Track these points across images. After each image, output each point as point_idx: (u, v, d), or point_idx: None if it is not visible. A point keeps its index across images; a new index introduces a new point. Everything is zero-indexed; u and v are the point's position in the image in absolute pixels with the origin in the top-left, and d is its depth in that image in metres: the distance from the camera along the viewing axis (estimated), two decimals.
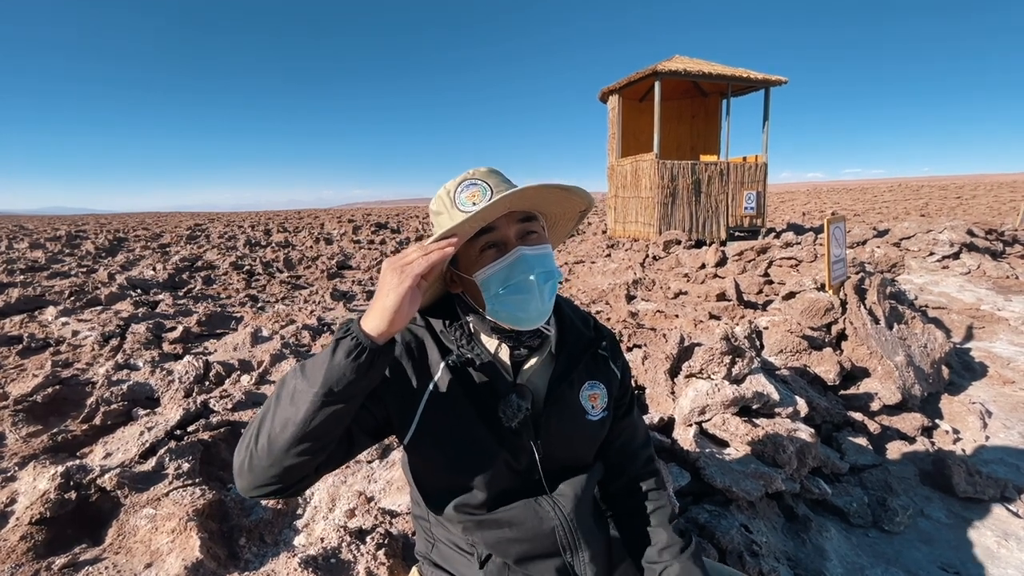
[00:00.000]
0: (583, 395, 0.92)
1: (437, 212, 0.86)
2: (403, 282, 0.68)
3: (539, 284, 0.81)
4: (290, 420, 0.67)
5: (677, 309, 4.55)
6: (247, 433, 0.73)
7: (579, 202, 0.88)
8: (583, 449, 0.95)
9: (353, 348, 0.66)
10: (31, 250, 10.08)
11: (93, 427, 2.27)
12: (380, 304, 0.68)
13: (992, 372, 3.30)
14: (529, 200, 0.81)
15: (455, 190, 0.83)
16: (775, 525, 1.65)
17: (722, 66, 9.76)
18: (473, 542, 0.90)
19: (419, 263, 0.69)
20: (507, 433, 0.85)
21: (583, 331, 0.96)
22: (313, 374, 0.67)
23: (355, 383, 0.67)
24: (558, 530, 0.87)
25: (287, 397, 0.69)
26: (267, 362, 3.01)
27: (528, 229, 0.83)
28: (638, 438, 1.04)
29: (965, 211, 17.04)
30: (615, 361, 0.99)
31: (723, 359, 1.82)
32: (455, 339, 0.87)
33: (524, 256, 0.80)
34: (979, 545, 1.79)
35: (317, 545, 1.32)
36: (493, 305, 0.83)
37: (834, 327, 2.78)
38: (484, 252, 0.82)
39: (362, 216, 21.78)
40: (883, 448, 2.32)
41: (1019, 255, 6.92)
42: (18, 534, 1.50)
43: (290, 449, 0.68)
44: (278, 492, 0.73)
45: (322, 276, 7.30)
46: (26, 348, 3.47)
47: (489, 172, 0.85)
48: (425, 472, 0.92)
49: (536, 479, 0.90)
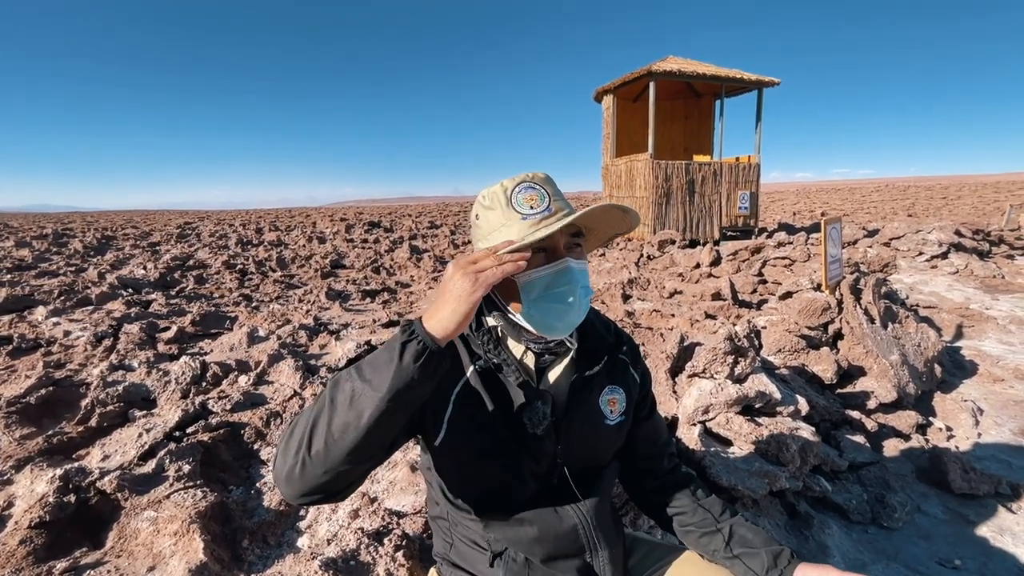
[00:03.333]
0: (603, 400, 0.93)
1: (489, 207, 0.85)
2: (476, 291, 0.66)
3: (578, 298, 0.81)
4: (351, 425, 0.65)
5: (673, 308, 4.57)
6: (294, 439, 0.69)
7: (624, 226, 0.89)
8: (601, 452, 0.96)
9: (421, 352, 0.65)
10: (17, 249, 9.89)
11: (89, 429, 2.24)
12: (450, 309, 0.67)
13: (982, 370, 3.36)
14: (593, 219, 0.83)
15: (513, 189, 0.83)
16: (779, 522, 1.67)
17: (716, 67, 9.83)
18: (494, 540, 0.90)
19: (493, 272, 0.68)
20: (530, 438, 0.85)
21: (605, 336, 0.97)
22: (376, 378, 0.65)
23: (421, 386, 0.66)
24: (579, 529, 0.88)
25: (344, 402, 0.66)
26: (265, 362, 2.98)
27: (576, 243, 0.84)
28: (661, 437, 1.06)
29: (951, 211, 17.32)
30: (635, 367, 1.00)
31: (726, 359, 1.84)
32: (482, 343, 0.87)
33: (570, 267, 0.81)
34: (976, 540, 1.82)
35: (335, 547, 1.32)
36: (530, 309, 0.82)
37: (831, 327, 2.82)
38: (533, 255, 0.81)
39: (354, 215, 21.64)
40: (880, 446, 2.35)
41: (1004, 255, 7.05)
42: (17, 538, 1.48)
43: (348, 455, 0.66)
44: (326, 499, 0.71)
45: (316, 275, 7.25)
46: (16, 348, 3.41)
47: (547, 179, 0.86)
48: (449, 472, 0.92)
49: (556, 481, 0.90)
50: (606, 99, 10.87)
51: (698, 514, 0.99)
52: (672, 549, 1.06)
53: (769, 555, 0.90)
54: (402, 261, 8.32)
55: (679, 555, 1.03)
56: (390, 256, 9.03)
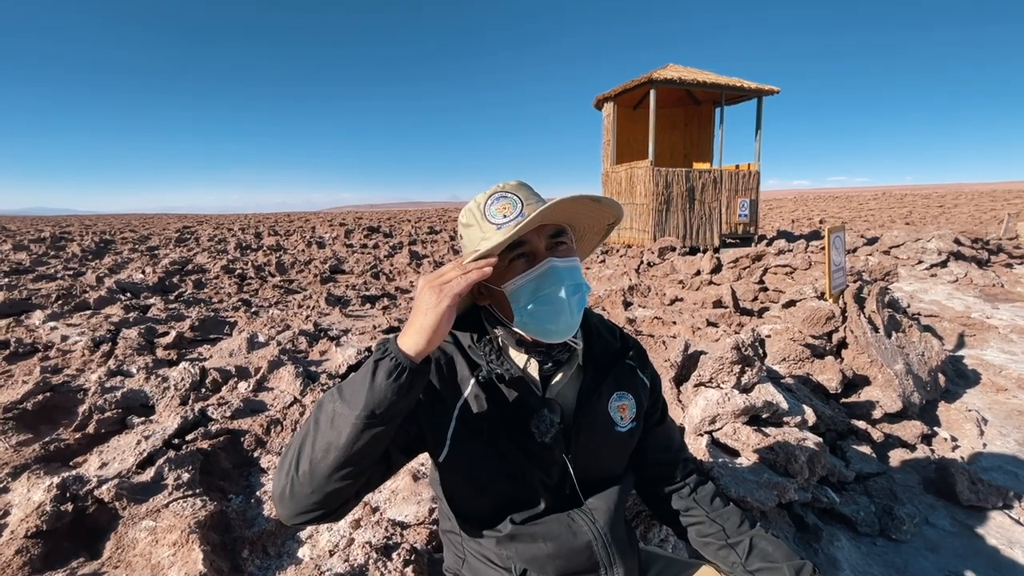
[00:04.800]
0: (612, 407, 0.91)
1: (467, 224, 0.85)
2: (441, 301, 0.67)
3: (568, 296, 0.79)
4: (332, 445, 0.66)
5: (674, 316, 4.56)
6: (285, 459, 0.71)
7: (608, 214, 0.87)
8: (613, 461, 0.94)
9: (393, 369, 0.66)
10: (15, 252, 9.84)
11: (87, 436, 2.21)
12: (419, 323, 0.68)
13: (985, 379, 3.35)
14: (562, 213, 0.80)
15: (485, 203, 0.83)
16: (787, 535, 1.65)
17: (716, 75, 9.89)
18: (508, 556, 0.88)
19: (457, 282, 0.69)
20: (538, 448, 0.84)
21: (610, 342, 0.96)
22: (353, 397, 0.66)
23: (396, 404, 0.66)
24: (594, 544, 0.86)
25: (326, 422, 0.68)
26: (264, 368, 2.95)
27: (559, 242, 0.82)
28: (675, 443, 1.04)
29: (948, 219, 17.39)
30: (643, 371, 0.99)
31: (733, 368, 1.82)
32: (484, 354, 0.86)
33: (554, 267, 0.79)
34: (985, 553, 1.80)
35: (341, 561, 1.29)
36: (521, 317, 0.81)
37: (835, 335, 2.81)
38: (513, 263, 0.81)
39: (353, 219, 21.64)
40: (886, 456, 2.33)
41: (1003, 264, 7.07)
42: (13, 548, 1.45)
43: (333, 474, 0.67)
44: (321, 518, 0.71)
45: (315, 280, 7.22)
46: (13, 353, 3.38)
47: (519, 185, 0.85)
48: (457, 487, 0.90)
49: (567, 493, 0.89)
50: (606, 106, 10.91)
51: (715, 525, 0.97)
52: (688, 565, 1.03)
53: (791, 569, 0.88)
54: (402, 266, 8.30)
55: (696, 570, 1.00)
56: (389, 261, 9.01)
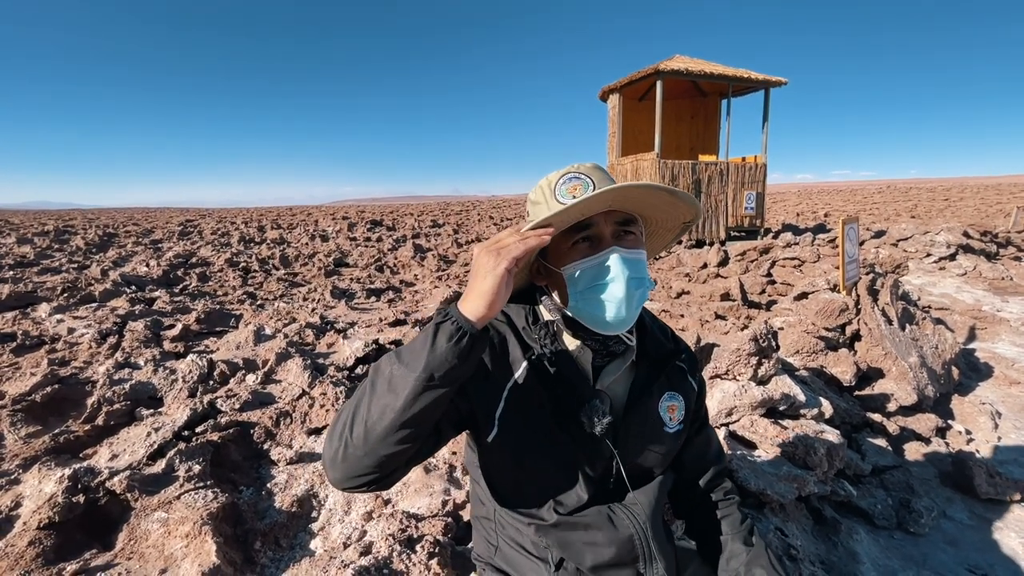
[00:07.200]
0: (662, 406, 0.90)
1: (535, 202, 0.83)
2: (499, 264, 0.65)
3: (628, 289, 0.75)
4: (388, 407, 0.65)
5: (682, 309, 4.53)
6: (338, 422, 0.70)
7: (685, 211, 0.81)
8: (658, 460, 0.92)
9: (455, 332, 0.64)
10: (19, 245, 9.85)
11: (96, 428, 2.20)
12: (478, 287, 0.66)
13: (998, 373, 3.31)
14: (632, 201, 0.77)
15: (557, 181, 0.80)
16: (805, 528, 1.63)
17: (723, 66, 9.77)
18: (546, 544, 0.87)
19: (516, 247, 0.67)
20: (586, 438, 0.82)
21: (663, 342, 0.94)
22: (412, 360, 0.65)
23: (456, 368, 0.65)
24: (636, 539, 0.84)
25: (383, 384, 0.67)
26: (272, 361, 2.93)
27: (626, 231, 0.79)
28: (712, 451, 1.03)
29: (953, 213, 17.25)
30: (692, 375, 0.97)
31: (750, 360, 1.80)
32: (539, 337, 0.83)
33: (616, 257, 0.76)
34: (1004, 547, 1.78)
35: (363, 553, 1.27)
36: (576, 302, 0.79)
37: (848, 328, 2.77)
38: (576, 245, 0.78)
39: (356, 213, 21.59)
40: (901, 449, 2.31)
41: (1012, 257, 7.00)
42: (26, 539, 1.44)
43: (387, 437, 0.66)
44: (372, 484, 0.70)
45: (319, 273, 7.20)
46: (20, 346, 3.37)
47: (593, 168, 0.82)
48: (499, 471, 0.89)
49: (609, 487, 0.87)
50: (612, 98, 10.81)
51: (721, 547, 0.97)
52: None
53: None
54: (406, 260, 8.27)
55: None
56: (393, 255, 8.99)
